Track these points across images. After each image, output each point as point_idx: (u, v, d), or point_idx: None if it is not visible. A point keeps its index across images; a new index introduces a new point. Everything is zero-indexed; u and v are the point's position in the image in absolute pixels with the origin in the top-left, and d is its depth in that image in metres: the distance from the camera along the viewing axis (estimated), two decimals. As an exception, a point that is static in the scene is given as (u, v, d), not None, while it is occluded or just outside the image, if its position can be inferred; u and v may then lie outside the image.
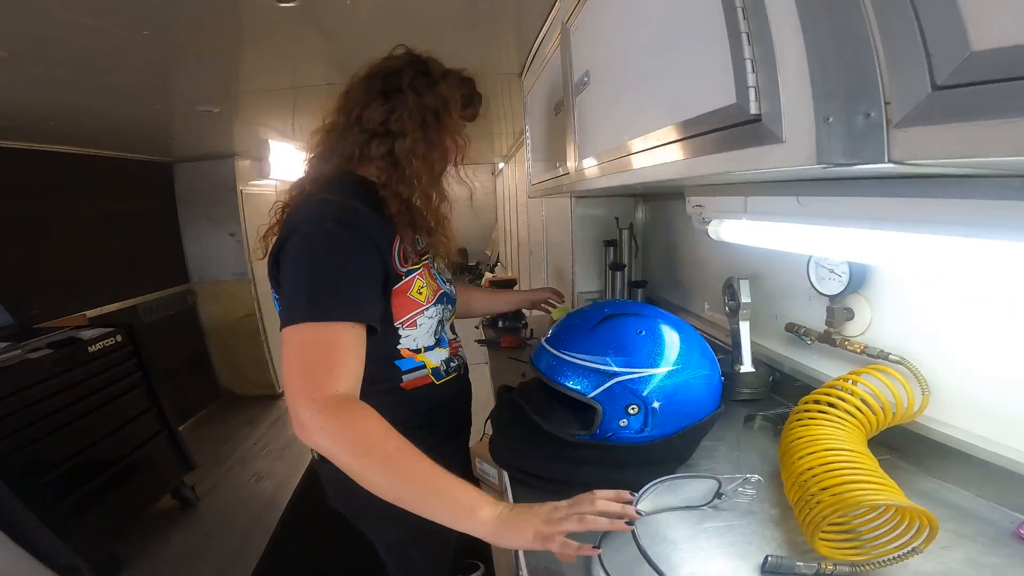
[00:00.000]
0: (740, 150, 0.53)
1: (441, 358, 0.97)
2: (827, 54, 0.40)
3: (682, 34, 0.64)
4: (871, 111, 0.37)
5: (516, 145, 4.02)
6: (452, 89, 0.90)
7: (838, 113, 0.40)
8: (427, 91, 0.87)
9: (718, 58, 0.53)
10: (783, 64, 0.45)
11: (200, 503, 2.44)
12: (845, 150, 0.40)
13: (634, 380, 0.76)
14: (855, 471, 0.69)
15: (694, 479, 0.83)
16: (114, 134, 2.43)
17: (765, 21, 0.46)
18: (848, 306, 0.97)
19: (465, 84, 0.94)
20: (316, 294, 0.72)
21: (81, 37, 1.17)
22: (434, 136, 0.87)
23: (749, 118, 0.50)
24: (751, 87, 0.49)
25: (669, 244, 1.75)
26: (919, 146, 0.35)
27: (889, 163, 0.37)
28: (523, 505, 0.67)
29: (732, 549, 0.70)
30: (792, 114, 0.45)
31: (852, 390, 0.83)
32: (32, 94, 1.58)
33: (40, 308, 2.33)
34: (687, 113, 0.64)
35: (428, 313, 0.91)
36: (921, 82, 0.33)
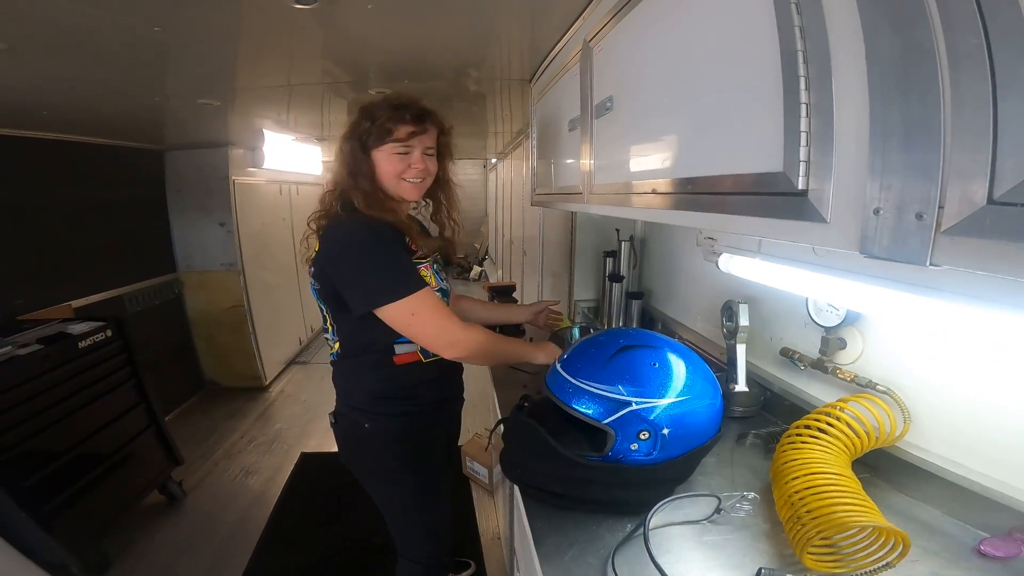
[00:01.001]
0: (779, 219, 0.54)
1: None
2: (892, 144, 0.39)
3: (731, 89, 0.63)
4: (924, 212, 0.37)
5: (513, 145, 4.03)
6: (360, 133, 1.11)
7: (890, 208, 0.40)
8: (345, 139, 1.13)
9: (769, 123, 0.53)
10: (840, 144, 0.44)
11: (187, 498, 2.43)
12: (889, 246, 0.40)
13: (646, 409, 0.82)
14: (841, 494, 0.76)
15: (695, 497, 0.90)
16: (107, 123, 2.36)
17: (829, 96, 0.45)
18: (842, 336, 1.04)
19: (380, 119, 1.09)
20: (396, 279, 1.05)
21: (88, 31, 1.16)
22: (351, 162, 1.11)
23: (794, 191, 0.50)
24: (802, 161, 0.48)
25: (667, 258, 1.82)
26: (961, 256, 0.36)
27: (929, 265, 0.38)
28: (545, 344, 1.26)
29: (729, 561, 0.77)
30: (841, 198, 0.45)
31: (841, 416, 0.91)
32: (31, 85, 1.54)
33: (24, 298, 2.27)
34: (724, 168, 0.65)
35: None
36: (979, 192, 0.34)
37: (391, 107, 1.09)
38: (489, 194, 6.88)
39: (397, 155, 1.11)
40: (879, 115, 0.40)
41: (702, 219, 0.73)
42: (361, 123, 1.10)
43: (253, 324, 3.57)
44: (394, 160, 1.11)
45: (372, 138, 1.09)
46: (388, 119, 1.08)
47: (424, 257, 1.16)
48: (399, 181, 1.13)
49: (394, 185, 1.13)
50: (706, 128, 0.71)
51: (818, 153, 0.48)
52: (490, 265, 6.48)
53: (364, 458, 1.24)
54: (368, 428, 1.18)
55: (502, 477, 2.09)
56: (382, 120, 1.08)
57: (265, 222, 3.84)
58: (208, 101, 1.97)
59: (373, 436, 1.19)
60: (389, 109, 1.09)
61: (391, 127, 1.09)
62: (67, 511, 1.77)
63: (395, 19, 1.24)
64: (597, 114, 1.14)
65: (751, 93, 0.58)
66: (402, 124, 1.09)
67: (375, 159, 1.11)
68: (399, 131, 1.09)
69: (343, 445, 1.26)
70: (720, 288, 1.41)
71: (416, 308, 1.05)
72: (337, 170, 1.16)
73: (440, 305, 1.08)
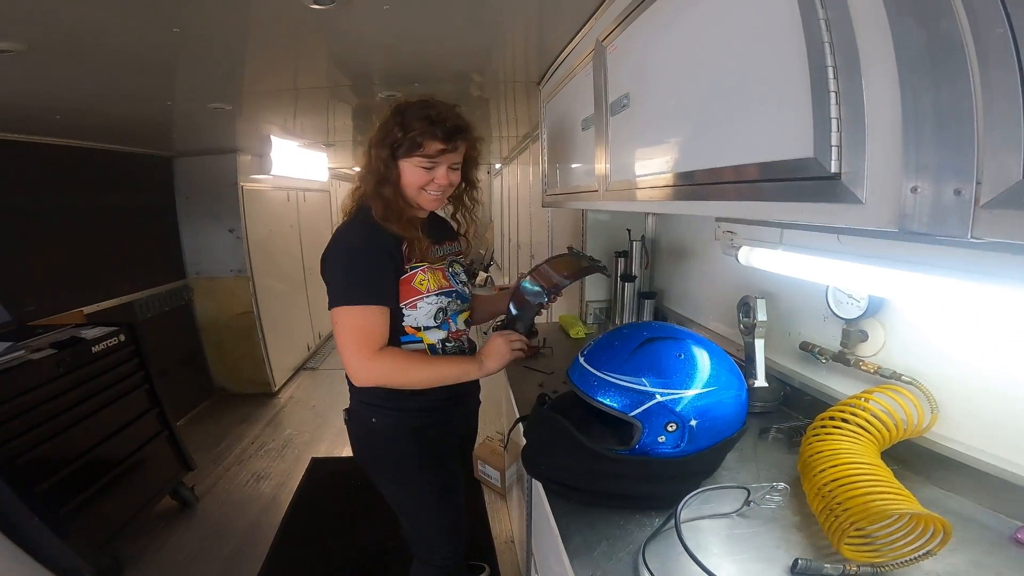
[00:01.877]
0: (811, 203, 0.54)
1: (438, 337, 1.20)
2: (925, 127, 0.41)
3: (754, 80, 0.64)
4: (962, 188, 0.39)
5: (519, 149, 4.04)
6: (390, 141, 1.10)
7: (928, 185, 0.41)
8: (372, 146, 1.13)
9: (796, 111, 0.53)
10: (873, 128, 0.46)
11: (199, 504, 2.42)
12: (929, 222, 0.41)
13: (672, 400, 0.81)
14: (876, 483, 0.76)
15: (723, 489, 0.89)
16: (118, 128, 2.38)
17: (859, 84, 0.47)
18: (863, 328, 1.04)
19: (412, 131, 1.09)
20: (349, 286, 1.07)
21: (106, 33, 1.17)
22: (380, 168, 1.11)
23: (827, 175, 0.51)
24: (834, 146, 0.49)
25: (680, 257, 1.81)
26: (1001, 228, 0.37)
27: (971, 239, 0.39)
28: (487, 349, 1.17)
29: (761, 553, 0.77)
30: (875, 178, 0.46)
31: (867, 407, 0.91)
32: (48, 87, 1.56)
33: (36, 304, 2.28)
34: (750, 157, 0.65)
35: (428, 300, 1.16)
36: (1016, 168, 0.35)
37: (426, 121, 1.08)
38: (494, 200, 6.89)
39: (423, 168, 1.12)
40: (911, 102, 0.41)
41: (728, 208, 0.73)
42: (393, 130, 1.10)
43: (262, 330, 3.57)
44: (419, 173, 1.12)
45: (402, 149, 1.10)
46: (420, 133, 1.08)
47: (422, 261, 1.16)
48: (420, 192, 1.14)
49: (415, 194, 1.15)
50: (729, 119, 0.71)
51: (850, 138, 0.48)
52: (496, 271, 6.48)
53: (373, 454, 1.25)
54: (375, 423, 1.19)
55: (515, 480, 2.08)
56: (414, 134, 1.08)
57: (273, 229, 3.86)
58: (220, 105, 1.99)
59: (381, 431, 1.20)
60: (423, 123, 1.08)
61: (422, 142, 1.09)
62: (80, 516, 1.77)
63: (408, 20, 1.25)
64: (613, 112, 1.14)
65: (776, 83, 0.59)
66: (433, 141, 1.10)
67: (401, 167, 1.12)
68: (429, 147, 1.09)
69: (355, 441, 1.27)
70: (734, 286, 1.40)
71: (338, 320, 1.07)
72: (362, 173, 1.18)
73: (361, 328, 1.07)
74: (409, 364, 1.11)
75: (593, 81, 1.23)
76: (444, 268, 1.23)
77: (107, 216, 2.81)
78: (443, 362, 1.16)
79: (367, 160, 1.16)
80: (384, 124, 1.13)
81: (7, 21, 1.07)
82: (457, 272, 1.28)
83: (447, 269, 1.24)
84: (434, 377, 1.13)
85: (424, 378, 1.12)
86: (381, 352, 1.08)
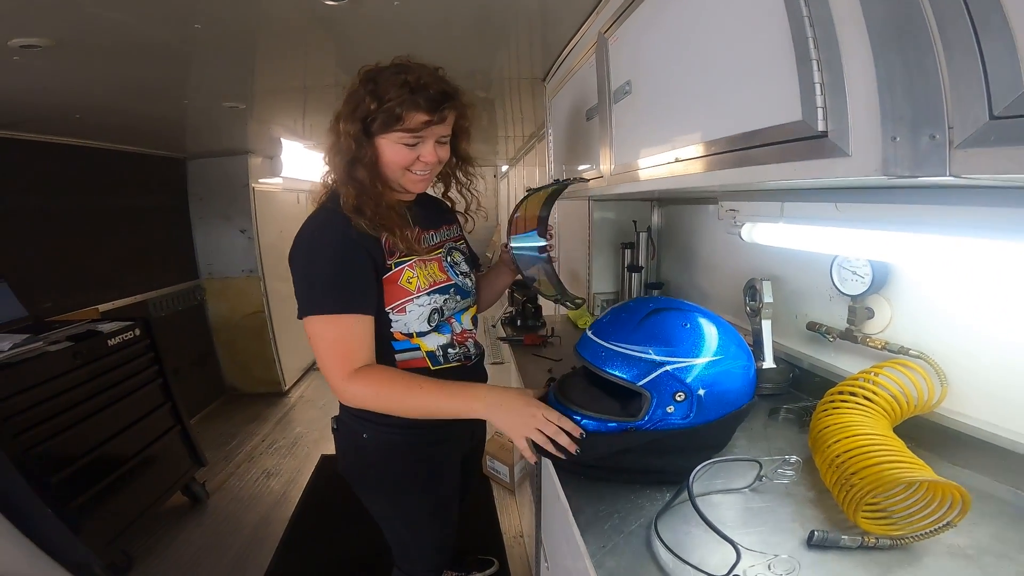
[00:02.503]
0: (803, 161, 0.58)
1: (438, 343, 1.04)
2: (896, 85, 0.46)
3: (745, 55, 0.69)
4: (936, 134, 0.43)
5: (525, 149, 4.06)
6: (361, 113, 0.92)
7: (905, 134, 0.46)
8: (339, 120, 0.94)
9: (785, 80, 0.58)
10: (852, 90, 0.51)
11: (210, 500, 2.44)
12: (910, 165, 0.46)
13: (680, 369, 0.81)
14: (889, 451, 0.75)
15: (734, 463, 0.89)
16: (134, 129, 2.43)
17: (836, 51, 0.52)
18: (869, 305, 1.03)
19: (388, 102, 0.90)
20: (317, 292, 0.91)
21: (130, 28, 1.19)
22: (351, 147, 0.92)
23: (815, 134, 0.56)
24: (819, 107, 0.54)
25: (685, 247, 1.82)
26: (976, 164, 0.41)
27: (949, 176, 0.44)
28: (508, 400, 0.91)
29: (777, 526, 0.76)
30: (859, 132, 0.51)
31: (876, 380, 0.90)
32: (69, 86, 1.60)
33: (52, 302, 2.33)
34: (745, 126, 0.68)
35: (419, 301, 0.99)
36: (981, 112, 0.40)
37: (404, 88, 0.90)
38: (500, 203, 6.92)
39: (404, 146, 0.94)
40: (882, 64, 0.47)
41: (727, 176, 0.75)
42: (365, 101, 0.91)
43: (273, 330, 3.61)
44: (401, 151, 0.94)
45: (377, 123, 0.92)
46: (399, 103, 0.89)
47: (409, 254, 0.99)
48: (404, 173, 0.97)
49: (397, 176, 0.98)
50: (723, 94, 0.75)
51: (833, 100, 0.53)
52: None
53: (363, 471, 1.11)
54: (366, 439, 1.05)
55: (524, 474, 2.07)
56: (392, 104, 0.90)
57: (283, 229, 3.90)
58: (234, 104, 2.03)
59: (372, 448, 1.06)
60: (401, 91, 0.90)
61: (401, 114, 0.90)
62: (92, 509, 1.78)
63: (416, 17, 1.28)
64: (615, 99, 1.17)
65: (763, 56, 0.64)
66: (416, 112, 0.91)
67: (378, 146, 0.94)
68: (411, 120, 0.91)
69: (342, 455, 1.13)
70: (740, 273, 1.40)
71: (310, 333, 0.91)
72: (330, 156, 0.98)
73: (336, 343, 0.91)
74: (394, 391, 0.92)
75: (596, 72, 1.26)
76: (441, 258, 1.07)
77: (122, 216, 2.87)
78: (437, 393, 0.93)
79: (334, 138, 0.96)
80: (353, 94, 0.93)
81: (36, 16, 1.10)
82: (457, 261, 1.12)
83: (444, 259, 1.08)
84: (423, 410, 0.93)
85: (410, 408, 0.93)
86: (364, 372, 0.91)
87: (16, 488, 1.56)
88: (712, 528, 0.69)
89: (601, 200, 2.00)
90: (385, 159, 0.95)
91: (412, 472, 1.09)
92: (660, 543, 0.72)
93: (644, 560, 0.70)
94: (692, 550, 0.70)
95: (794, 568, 0.65)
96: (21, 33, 1.16)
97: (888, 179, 0.49)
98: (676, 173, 0.90)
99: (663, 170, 0.95)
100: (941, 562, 0.67)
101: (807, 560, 0.68)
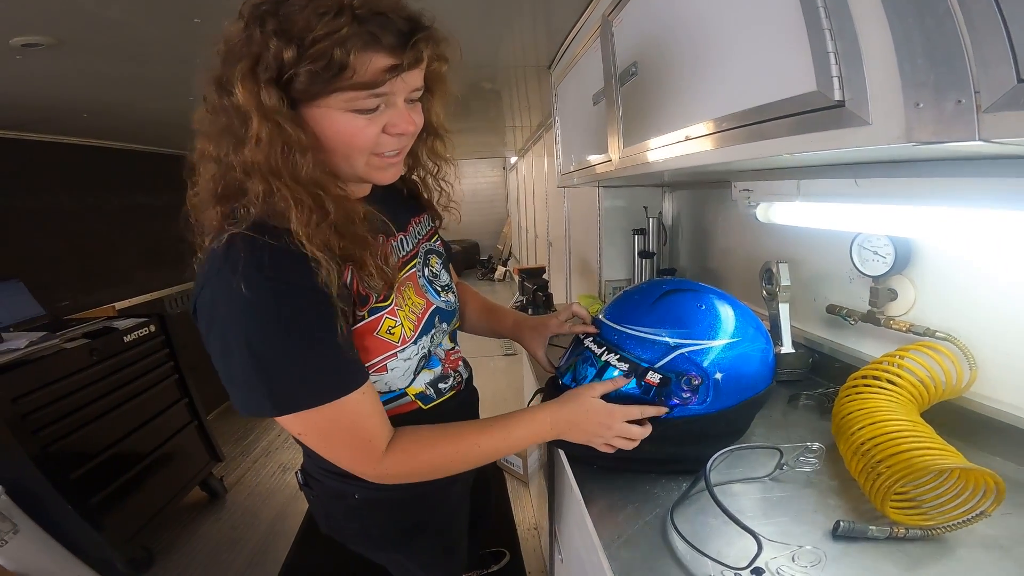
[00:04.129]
0: (821, 132, 0.56)
1: (426, 380, 0.82)
2: (916, 52, 0.45)
3: (754, 27, 0.66)
4: (962, 98, 0.42)
5: (533, 139, 4.02)
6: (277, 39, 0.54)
7: (929, 99, 0.44)
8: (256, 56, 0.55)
9: (797, 51, 0.56)
10: (869, 58, 0.49)
11: (227, 494, 2.47)
12: (936, 131, 0.44)
13: (696, 352, 0.78)
14: (918, 438, 0.71)
15: (753, 451, 0.86)
16: (142, 127, 2.46)
17: (849, 19, 0.50)
18: (892, 286, 0.99)
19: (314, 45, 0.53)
20: (281, 384, 0.60)
21: (126, 25, 1.19)
22: (268, 129, 0.56)
23: (832, 104, 0.53)
24: (835, 77, 0.52)
25: (698, 233, 1.78)
26: (1005, 127, 0.40)
27: (979, 141, 0.42)
28: (578, 415, 0.76)
29: (799, 516, 0.73)
30: (879, 100, 0.49)
31: (902, 365, 0.86)
32: (73, 85, 1.60)
33: (70, 300, 2.37)
34: (756, 100, 0.66)
35: (404, 355, 0.73)
36: (1008, 76, 0.39)
37: (343, 18, 0.53)
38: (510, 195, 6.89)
39: (359, 113, 0.59)
40: (899, 30, 0.45)
41: (740, 151, 0.72)
42: (270, 49, 0.53)
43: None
44: (354, 122, 0.60)
45: (302, 82, 0.55)
46: (338, 42, 0.53)
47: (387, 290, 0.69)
48: (367, 156, 0.64)
49: (354, 164, 0.64)
50: (732, 68, 0.72)
51: (849, 68, 0.51)
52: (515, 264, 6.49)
53: (361, 532, 0.90)
54: (359, 499, 0.83)
55: (537, 467, 2.06)
56: (325, 45, 0.53)
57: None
58: (237, 100, 2.02)
59: (369, 508, 0.85)
60: (337, 21, 0.53)
61: (347, 59, 0.54)
62: (112, 505, 1.80)
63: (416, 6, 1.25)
64: (622, 82, 1.15)
65: (773, 27, 0.62)
66: (371, 52, 0.55)
67: (311, 120, 0.59)
68: (365, 67, 0.55)
69: (324, 516, 0.91)
70: (755, 256, 1.37)
71: (308, 429, 0.66)
72: (220, 148, 0.60)
73: (352, 428, 0.66)
74: (444, 456, 0.72)
75: (602, 55, 1.24)
76: (417, 274, 0.80)
77: (136, 214, 2.90)
78: (493, 437, 0.73)
79: (223, 118, 0.58)
80: (246, 41, 0.55)
81: (36, 15, 1.10)
82: (436, 272, 0.85)
83: (420, 274, 0.81)
84: (484, 460, 0.75)
85: (471, 465, 0.74)
86: (396, 449, 0.69)
87: (37, 485, 1.59)
88: (731, 518, 0.67)
89: (611, 186, 1.97)
90: (330, 139, 0.60)
91: (426, 520, 0.91)
92: (677, 534, 0.69)
93: (660, 551, 0.68)
94: (710, 541, 0.68)
95: (820, 560, 0.63)
96: (23, 31, 1.16)
97: (912, 146, 0.47)
98: (687, 152, 0.86)
99: (673, 150, 0.91)
100: (975, 553, 0.64)
101: (833, 552, 0.65)
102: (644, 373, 0.78)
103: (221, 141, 0.61)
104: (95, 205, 2.63)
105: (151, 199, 3.00)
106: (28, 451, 1.55)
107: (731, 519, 0.66)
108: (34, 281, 2.15)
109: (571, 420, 0.76)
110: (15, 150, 2.19)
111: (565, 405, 0.77)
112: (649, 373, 0.78)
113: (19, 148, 2.20)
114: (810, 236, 1.18)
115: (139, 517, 1.93)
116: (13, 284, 2.06)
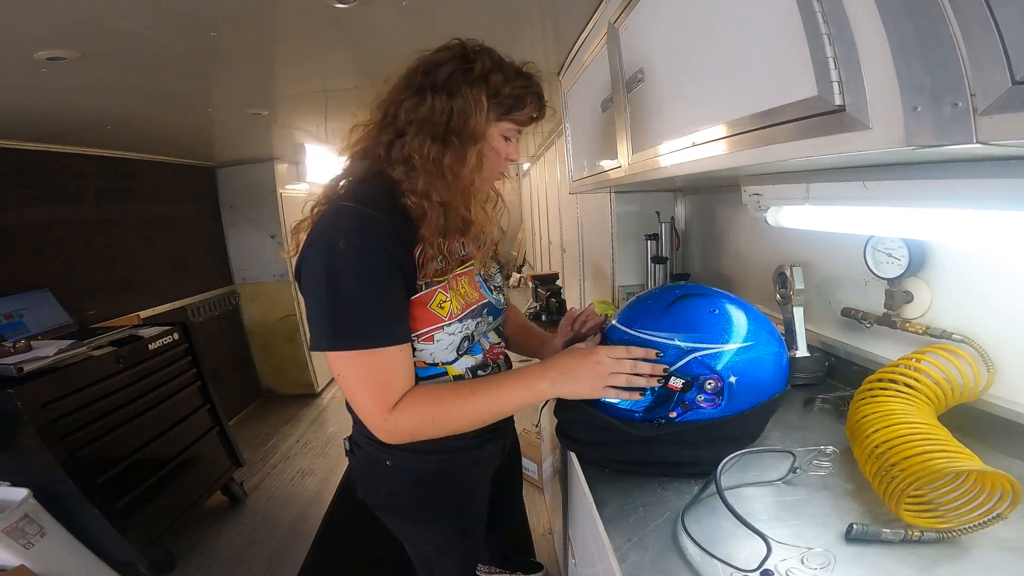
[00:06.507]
0: (822, 137, 0.56)
1: (467, 365, 0.91)
2: (912, 56, 0.45)
3: (756, 33, 0.67)
4: (958, 101, 0.42)
5: (545, 145, 4.05)
6: (490, 89, 0.80)
7: (926, 103, 0.45)
8: (459, 90, 0.78)
9: (797, 57, 0.57)
10: (867, 63, 0.50)
11: (248, 499, 2.52)
12: (934, 134, 0.45)
13: (709, 356, 0.79)
14: (934, 441, 0.71)
15: (767, 454, 0.86)
16: (164, 139, 2.54)
17: (847, 25, 0.51)
18: (907, 289, 0.98)
19: (515, 83, 0.82)
20: (342, 322, 0.75)
21: (145, 38, 1.23)
22: (454, 140, 0.79)
23: (832, 108, 0.54)
24: (834, 82, 0.53)
25: (710, 238, 1.77)
26: (1003, 130, 0.40)
27: (977, 144, 0.42)
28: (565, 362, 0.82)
29: (813, 520, 0.73)
30: (878, 104, 0.49)
31: (918, 367, 0.85)
32: (96, 97, 1.66)
33: (96, 309, 2.45)
34: (760, 105, 0.66)
35: (449, 329, 0.85)
36: (1003, 78, 0.39)
37: (523, 77, 0.83)
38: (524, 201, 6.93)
39: (506, 140, 0.85)
40: (895, 35, 0.46)
41: (746, 157, 0.72)
42: (491, 73, 0.79)
43: (305, 334, 3.70)
44: (502, 145, 0.85)
45: (498, 104, 0.80)
46: (524, 88, 0.81)
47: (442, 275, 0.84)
48: (494, 175, 0.90)
49: (493, 173, 0.88)
50: (736, 75, 0.73)
51: (848, 73, 0.52)
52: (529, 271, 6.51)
53: (388, 499, 1.02)
54: (390, 466, 0.95)
55: (552, 472, 2.06)
56: (518, 88, 0.80)
57: (310, 235, 4.00)
58: (256, 111, 2.08)
59: (398, 476, 0.96)
60: (522, 79, 0.82)
61: (524, 102, 0.81)
62: (136, 509, 1.85)
63: (425, 18, 1.29)
64: (629, 88, 1.16)
65: (774, 33, 0.63)
66: (531, 106, 0.83)
67: (488, 135, 0.82)
68: (524, 112, 0.82)
69: (361, 481, 1.04)
70: (768, 261, 1.37)
71: (336, 368, 0.78)
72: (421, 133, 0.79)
73: (371, 380, 0.78)
74: (446, 410, 0.81)
75: (609, 62, 1.25)
76: (472, 271, 0.92)
77: (160, 225, 3.00)
78: (494, 392, 0.82)
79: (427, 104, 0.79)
80: (465, 58, 0.80)
81: (59, 30, 1.15)
82: (492, 274, 0.98)
83: (477, 272, 0.93)
84: (485, 417, 0.83)
85: (471, 422, 0.83)
86: (405, 402, 0.79)
87: (64, 489, 1.64)
88: (741, 520, 0.67)
89: (623, 192, 1.97)
90: (491, 151, 0.83)
91: (444, 498, 0.99)
92: (687, 537, 0.70)
93: (670, 554, 0.69)
94: (720, 544, 0.68)
95: (829, 562, 0.62)
96: (48, 46, 1.20)
97: (912, 150, 0.47)
98: (694, 157, 0.87)
99: (681, 156, 0.92)
100: (991, 556, 0.63)
101: (845, 555, 0.65)
102: (667, 378, 0.79)
103: (421, 125, 0.79)
104: (120, 216, 2.72)
105: (173, 210, 3.09)
106: (56, 455, 1.61)
107: (741, 521, 0.67)
108: (62, 290, 2.23)
109: (564, 372, 0.81)
110: (42, 162, 2.28)
111: (557, 361, 0.83)
112: (672, 379, 0.79)
113: (46, 160, 2.29)
114: (823, 239, 1.17)
115: (162, 520, 1.98)
116: (41, 293, 2.14)
